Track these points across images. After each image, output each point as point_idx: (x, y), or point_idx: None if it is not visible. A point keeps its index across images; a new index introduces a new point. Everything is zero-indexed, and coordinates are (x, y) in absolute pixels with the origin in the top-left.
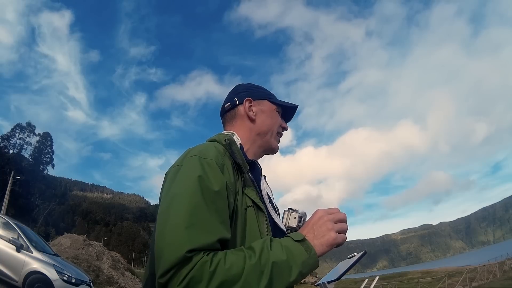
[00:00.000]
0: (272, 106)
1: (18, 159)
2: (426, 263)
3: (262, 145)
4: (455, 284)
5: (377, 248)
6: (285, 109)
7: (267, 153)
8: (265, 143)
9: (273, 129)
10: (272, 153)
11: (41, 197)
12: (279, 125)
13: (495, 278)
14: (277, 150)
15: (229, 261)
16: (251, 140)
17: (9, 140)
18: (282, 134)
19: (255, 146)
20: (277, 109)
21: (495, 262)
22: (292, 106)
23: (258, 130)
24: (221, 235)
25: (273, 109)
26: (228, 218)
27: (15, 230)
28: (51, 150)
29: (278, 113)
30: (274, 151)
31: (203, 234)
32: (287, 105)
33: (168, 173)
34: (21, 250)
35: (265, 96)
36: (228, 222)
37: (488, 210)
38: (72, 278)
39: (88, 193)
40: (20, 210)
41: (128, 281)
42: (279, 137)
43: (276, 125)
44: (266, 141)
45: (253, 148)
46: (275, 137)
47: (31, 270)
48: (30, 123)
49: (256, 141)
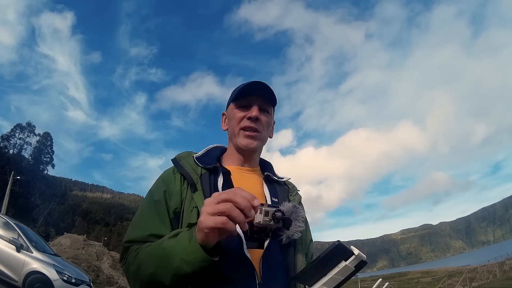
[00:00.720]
0: (232, 105)
1: (18, 159)
2: (426, 263)
3: (237, 149)
4: (455, 284)
5: (377, 248)
6: (249, 93)
7: (244, 153)
8: (237, 146)
9: (234, 128)
10: (246, 152)
11: (41, 197)
12: (241, 119)
13: (495, 278)
14: (249, 146)
15: (145, 247)
16: (230, 148)
17: (9, 140)
18: (253, 127)
19: (234, 153)
20: (236, 105)
21: (495, 262)
22: (249, 86)
23: (229, 137)
24: (154, 231)
25: (233, 108)
26: (168, 218)
27: (15, 230)
28: (51, 150)
29: (242, 107)
30: (245, 149)
31: (139, 230)
32: (239, 92)
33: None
34: (21, 250)
35: (230, 99)
36: (167, 221)
37: (488, 210)
38: (72, 278)
39: (88, 193)
40: (20, 210)
41: None
42: (250, 130)
43: (236, 123)
44: (236, 143)
45: (233, 155)
46: (242, 134)
47: (31, 270)
48: (30, 123)
49: (234, 147)
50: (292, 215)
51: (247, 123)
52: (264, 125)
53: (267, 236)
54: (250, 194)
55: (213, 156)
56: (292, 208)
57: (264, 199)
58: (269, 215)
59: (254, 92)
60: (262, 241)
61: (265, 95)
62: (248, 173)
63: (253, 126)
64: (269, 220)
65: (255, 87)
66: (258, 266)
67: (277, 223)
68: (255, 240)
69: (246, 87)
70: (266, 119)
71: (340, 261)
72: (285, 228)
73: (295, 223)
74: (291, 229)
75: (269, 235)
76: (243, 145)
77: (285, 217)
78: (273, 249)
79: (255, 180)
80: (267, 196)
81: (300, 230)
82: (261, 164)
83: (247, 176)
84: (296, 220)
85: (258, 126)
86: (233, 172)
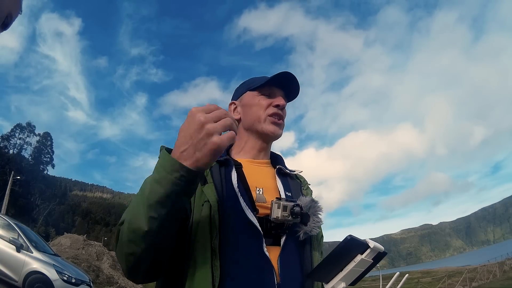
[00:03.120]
0: (252, 93)
1: (18, 159)
2: (426, 263)
3: (258, 136)
4: (455, 284)
5: None
6: (273, 84)
7: (268, 140)
8: (259, 133)
9: (259, 114)
10: (272, 138)
11: (41, 197)
12: (268, 106)
13: (495, 278)
14: (276, 132)
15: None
16: (244, 139)
17: (9, 140)
18: (280, 114)
19: (251, 142)
20: (259, 93)
21: (495, 262)
22: (278, 76)
23: (246, 126)
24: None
25: (254, 95)
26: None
27: (15, 230)
28: (51, 150)
29: (265, 95)
30: (272, 136)
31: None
32: (271, 80)
33: None
34: (21, 250)
35: (245, 89)
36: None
37: (488, 210)
38: (72, 278)
39: (88, 193)
40: (20, 210)
41: (128, 281)
42: (277, 117)
43: (262, 109)
44: (258, 130)
45: (248, 144)
46: (268, 120)
47: (31, 270)
48: (30, 123)
49: (250, 137)
50: (310, 210)
51: (275, 110)
52: (284, 117)
53: (284, 232)
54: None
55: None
56: (310, 203)
57: (278, 193)
58: (287, 210)
59: (279, 83)
60: (278, 237)
61: (290, 90)
62: (260, 166)
63: (280, 113)
64: (288, 215)
65: (285, 77)
66: (276, 265)
67: (295, 218)
68: (270, 236)
69: (277, 76)
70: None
71: (356, 255)
72: (302, 223)
73: (313, 218)
74: (309, 225)
75: (285, 231)
76: (271, 131)
77: (303, 212)
78: (290, 246)
79: (268, 174)
80: (280, 190)
81: (319, 225)
82: (272, 157)
83: (259, 169)
84: (314, 215)
85: (283, 114)
86: (244, 165)
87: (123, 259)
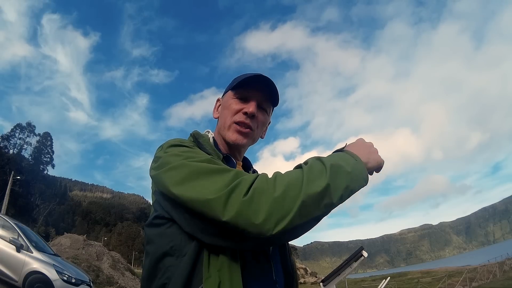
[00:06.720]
0: (230, 94)
1: (18, 159)
2: (426, 263)
3: (226, 141)
4: (455, 284)
5: (377, 247)
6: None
7: (232, 148)
8: (226, 139)
9: (226, 120)
10: (235, 147)
11: (41, 197)
12: (236, 112)
13: (495, 278)
14: (238, 142)
15: (275, 174)
16: (219, 139)
17: (9, 140)
18: (247, 123)
19: (224, 144)
20: (235, 95)
21: (495, 262)
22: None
23: (218, 127)
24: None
25: (230, 97)
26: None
27: (15, 230)
28: (51, 150)
29: (239, 99)
30: (233, 144)
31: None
32: (240, 83)
33: None
34: (21, 250)
35: (229, 86)
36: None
37: (488, 210)
38: (72, 278)
39: (88, 193)
40: (20, 210)
41: (128, 281)
42: (242, 126)
43: (230, 114)
44: (225, 136)
45: (223, 146)
46: (233, 128)
47: (31, 270)
48: (30, 123)
49: (223, 139)
50: None
51: (242, 118)
52: (259, 123)
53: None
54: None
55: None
56: None
57: None
58: None
59: (257, 86)
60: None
61: (268, 93)
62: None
63: (247, 123)
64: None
65: (259, 81)
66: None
67: None
68: None
69: (249, 79)
70: (263, 118)
71: (352, 263)
72: None
73: None
74: None
75: None
76: (232, 140)
77: None
78: (273, 248)
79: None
80: None
81: None
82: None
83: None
84: None
85: (252, 123)
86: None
87: (280, 206)
